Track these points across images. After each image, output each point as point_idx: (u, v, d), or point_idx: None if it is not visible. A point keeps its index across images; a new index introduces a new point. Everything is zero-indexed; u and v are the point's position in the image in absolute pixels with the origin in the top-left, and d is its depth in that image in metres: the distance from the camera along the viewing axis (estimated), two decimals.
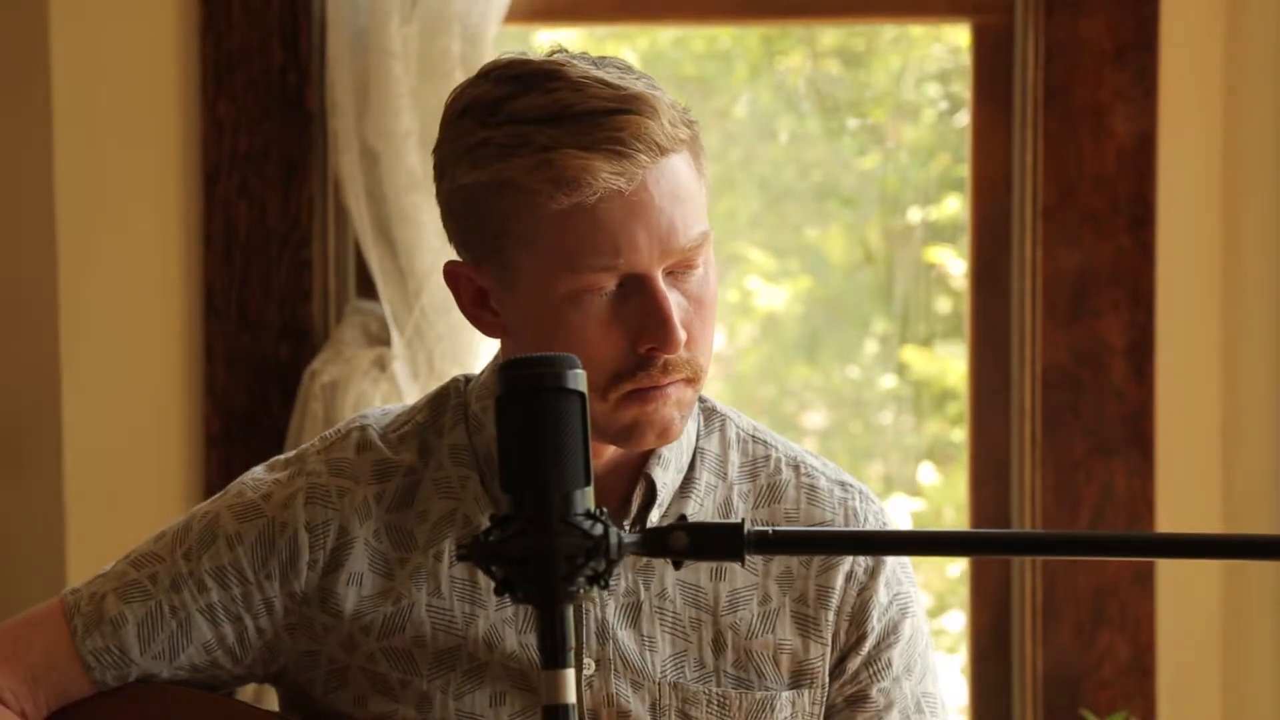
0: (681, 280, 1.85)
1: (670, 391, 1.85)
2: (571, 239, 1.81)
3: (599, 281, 1.82)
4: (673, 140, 1.82)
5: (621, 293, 1.83)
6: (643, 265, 1.82)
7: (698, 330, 1.86)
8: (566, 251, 1.81)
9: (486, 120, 1.83)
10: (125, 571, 1.97)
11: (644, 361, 1.83)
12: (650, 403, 1.85)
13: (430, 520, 1.93)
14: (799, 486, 1.98)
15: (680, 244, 1.83)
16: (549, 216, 1.81)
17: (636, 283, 1.82)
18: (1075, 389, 3.43)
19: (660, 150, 1.81)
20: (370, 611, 1.92)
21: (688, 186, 1.84)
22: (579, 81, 1.82)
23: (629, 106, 1.81)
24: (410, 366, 3.26)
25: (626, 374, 1.83)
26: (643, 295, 1.83)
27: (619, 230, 1.80)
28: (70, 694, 1.95)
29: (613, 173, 1.79)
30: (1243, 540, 1.48)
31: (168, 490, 3.32)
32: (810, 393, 3.99)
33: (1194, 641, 3.49)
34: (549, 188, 1.80)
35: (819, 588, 1.95)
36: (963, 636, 3.61)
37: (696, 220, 1.84)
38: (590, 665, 1.91)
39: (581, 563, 1.48)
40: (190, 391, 3.33)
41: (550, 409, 1.49)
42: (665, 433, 1.87)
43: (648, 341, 1.83)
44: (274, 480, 1.96)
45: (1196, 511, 3.46)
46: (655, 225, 1.81)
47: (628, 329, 1.83)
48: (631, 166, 1.80)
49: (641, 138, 1.80)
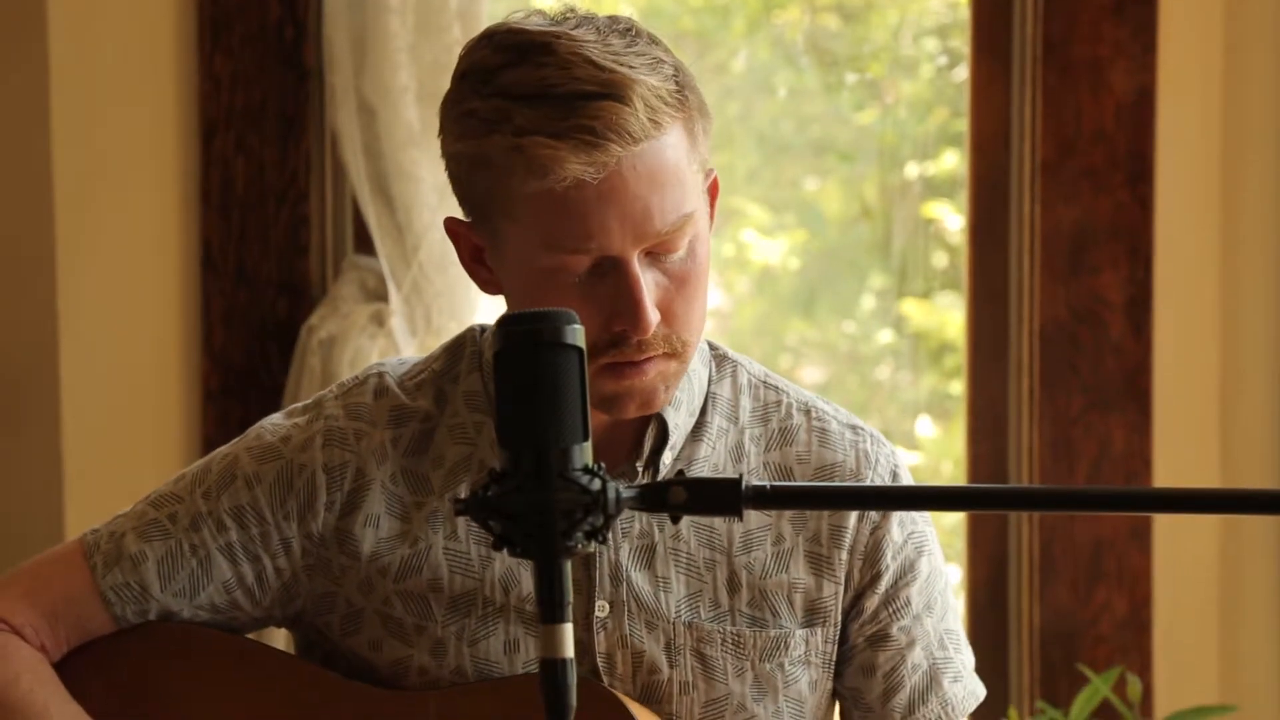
0: (661, 260, 1.85)
1: (648, 367, 1.85)
2: (544, 221, 1.81)
3: (573, 262, 1.82)
4: (651, 128, 1.81)
5: (597, 271, 1.83)
6: (615, 249, 1.82)
7: (680, 307, 1.85)
8: (541, 232, 1.82)
9: (479, 89, 1.84)
10: (144, 511, 1.98)
11: (618, 339, 1.84)
12: (627, 378, 1.85)
13: (446, 465, 1.94)
14: (810, 430, 1.99)
15: (656, 228, 1.82)
16: (523, 197, 1.82)
17: (610, 263, 1.83)
18: (1073, 344, 3.44)
19: (634, 140, 1.79)
20: (387, 554, 1.93)
21: (671, 169, 1.83)
22: (567, 59, 1.81)
23: (609, 92, 1.79)
24: (408, 322, 3.26)
25: (602, 349, 1.84)
26: (616, 276, 1.83)
27: (590, 216, 1.80)
28: (90, 630, 1.97)
29: (581, 163, 1.79)
30: (1239, 495, 1.48)
31: (165, 446, 3.33)
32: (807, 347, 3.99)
33: (1190, 596, 3.50)
34: (521, 171, 1.81)
35: (832, 527, 1.96)
36: (960, 591, 3.62)
37: (679, 203, 1.83)
38: (604, 607, 1.92)
39: (580, 518, 1.48)
40: (188, 347, 3.33)
41: (548, 364, 1.49)
42: (648, 403, 1.88)
43: (619, 323, 1.83)
44: (292, 424, 1.98)
45: (1194, 467, 3.46)
46: (629, 211, 1.81)
47: (601, 308, 1.83)
48: (601, 156, 1.79)
49: (615, 128, 1.79)
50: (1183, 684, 3.47)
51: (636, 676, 1.92)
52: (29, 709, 1.90)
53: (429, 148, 3.23)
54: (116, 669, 1.96)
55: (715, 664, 1.94)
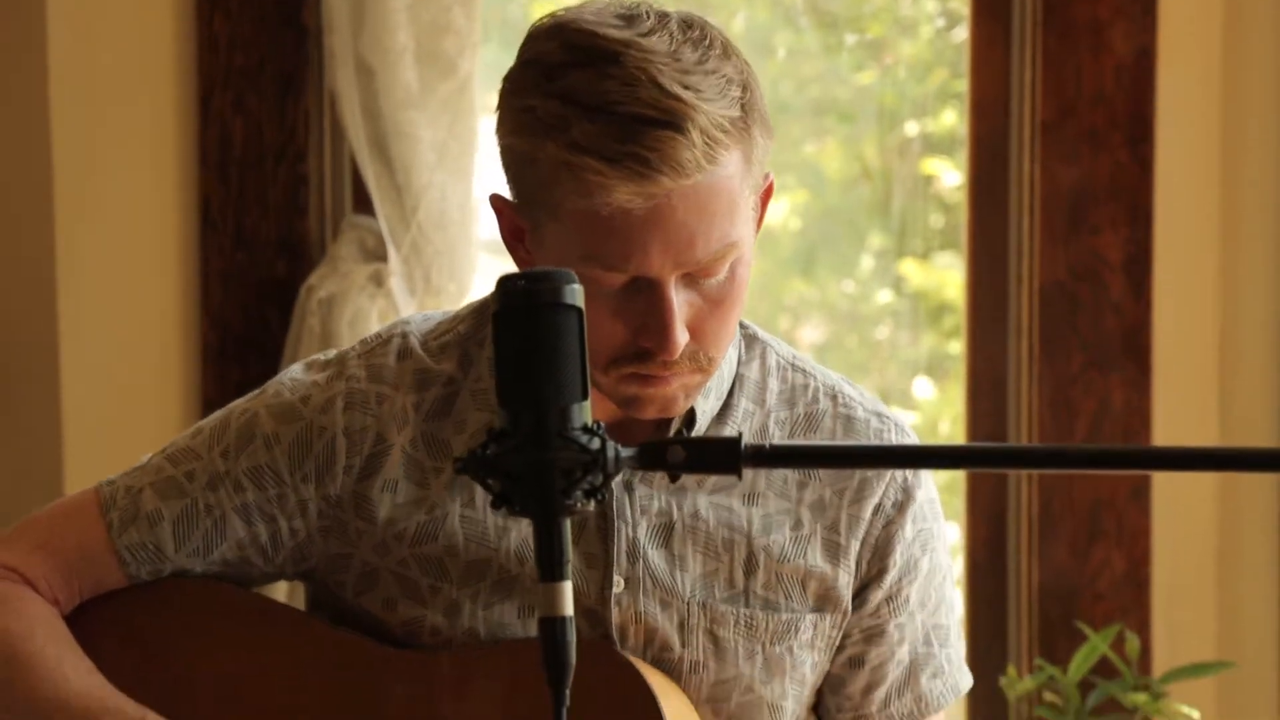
0: (699, 281, 1.82)
1: (672, 380, 1.84)
2: (584, 236, 1.78)
3: (608, 277, 1.79)
4: (705, 162, 1.76)
5: (631, 286, 1.80)
6: (653, 272, 1.79)
7: (712, 327, 1.83)
8: (580, 244, 1.79)
9: (541, 84, 1.79)
10: (162, 466, 1.97)
11: (643, 354, 1.82)
12: (650, 386, 1.84)
13: (467, 431, 1.93)
14: (835, 416, 1.98)
15: (698, 257, 1.79)
16: (567, 210, 1.79)
17: (646, 283, 1.80)
18: (1073, 304, 3.44)
19: (687, 174, 1.75)
20: (404, 519, 1.93)
21: (724, 198, 1.79)
22: (633, 75, 1.75)
23: (669, 120, 1.75)
24: (407, 282, 3.26)
25: (626, 360, 1.83)
26: (649, 296, 1.80)
27: (631, 240, 1.77)
28: (104, 585, 1.97)
29: (630, 192, 1.75)
30: (1238, 453, 1.48)
31: (165, 406, 3.33)
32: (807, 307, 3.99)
33: (1189, 555, 3.50)
34: (567, 185, 1.78)
35: (850, 517, 1.96)
36: (959, 550, 3.62)
37: (725, 233, 1.80)
38: (619, 583, 1.92)
39: (579, 477, 1.48)
40: (187, 308, 3.33)
41: (547, 324, 1.49)
42: (667, 409, 1.86)
43: (646, 341, 1.81)
44: (312, 382, 1.96)
45: (1193, 426, 3.46)
46: (672, 239, 1.78)
47: (630, 323, 1.81)
48: (651, 188, 1.75)
49: (669, 160, 1.75)
50: (1181, 641, 3.48)
51: (648, 652, 1.92)
52: (42, 663, 1.90)
53: (427, 108, 3.23)
54: (129, 623, 1.96)
55: (727, 645, 1.93)
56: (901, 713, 2.00)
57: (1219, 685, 3.47)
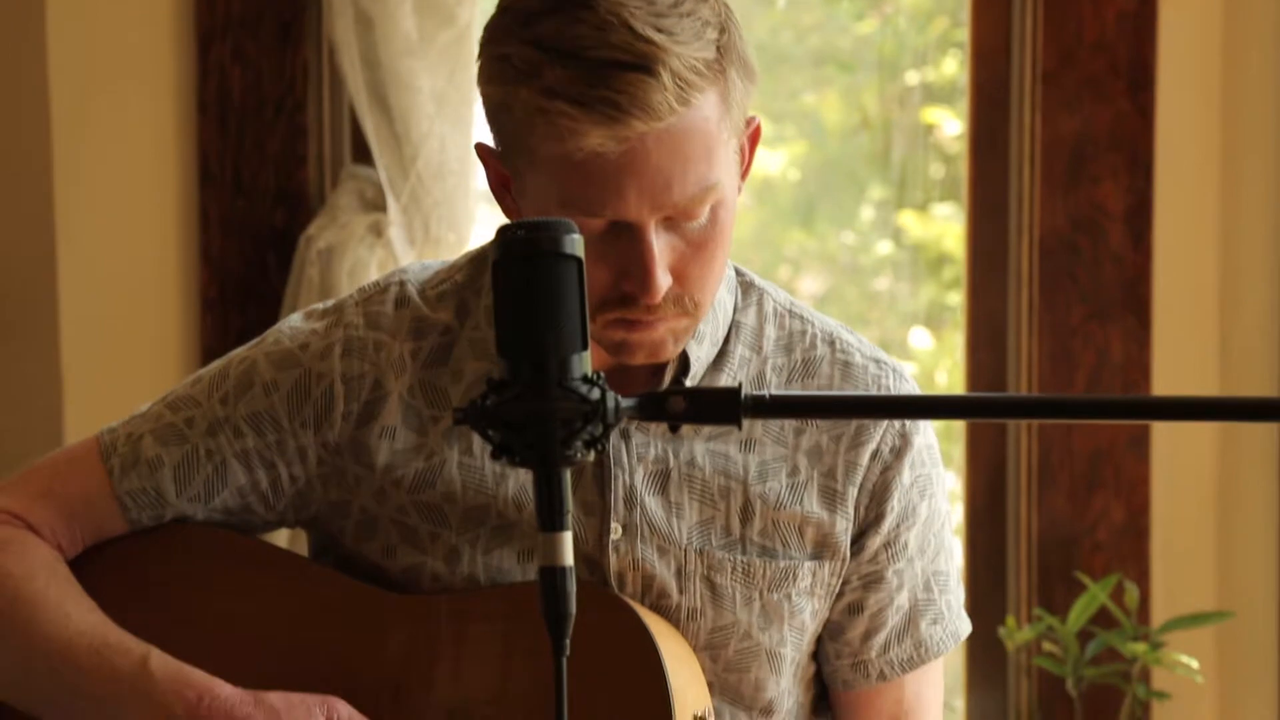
0: (679, 225, 1.81)
1: (658, 325, 1.83)
2: (561, 182, 1.79)
3: (587, 223, 1.78)
4: (678, 104, 1.76)
5: (611, 231, 1.80)
6: (630, 216, 1.79)
7: (695, 270, 1.83)
8: (557, 190, 1.79)
9: (516, 31, 1.79)
10: (162, 414, 1.98)
11: (627, 299, 1.82)
12: (636, 331, 1.84)
13: (465, 380, 1.94)
14: (833, 363, 1.98)
15: (674, 200, 1.79)
16: (543, 156, 1.79)
17: (625, 227, 1.80)
18: (1073, 254, 3.43)
19: (658, 116, 1.75)
20: (402, 466, 1.93)
21: (699, 140, 1.79)
22: (605, 20, 1.75)
23: (640, 63, 1.74)
24: (406, 232, 3.25)
25: (612, 306, 1.82)
26: (630, 240, 1.80)
27: (606, 185, 1.77)
28: (106, 531, 1.97)
29: (602, 136, 1.75)
30: (1238, 403, 1.48)
31: (164, 355, 3.33)
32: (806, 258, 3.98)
33: (1188, 504, 3.51)
34: (541, 131, 1.77)
35: (847, 463, 1.96)
36: (958, 500, 3.63)
37: (703, 175, 1.79)
38: (617, 530, 1.92)
39: (579, 427, 1.48)
40: (186, 257, 3.33)
41: (547, 274, 1.49)
42: (656, 354, 1.86)
43: (629, 285, 1.81)
44: (311, 330, 1.97)
45: (1192, 377, 3.46)
46: (648, 182, 1.77)
47: (612, 267, 1.81)
48: (623, 130, 1.75)
49: (640, 103, 1.74)
50: (1180, 591, 3.49)
51: (646, 599, 1.92)
52: (45, 606, 1.91)
53: (426, 57, 3.22)
54: (131, 568, 1.97)
55: (724, 592, 1.94)
56: (901, 659, 2.00)
57: (1218, 635, 3.48)
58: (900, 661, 2.00)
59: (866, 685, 2.01)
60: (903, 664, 2.00)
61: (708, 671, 1.94)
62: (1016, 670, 3.51)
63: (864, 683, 2.01)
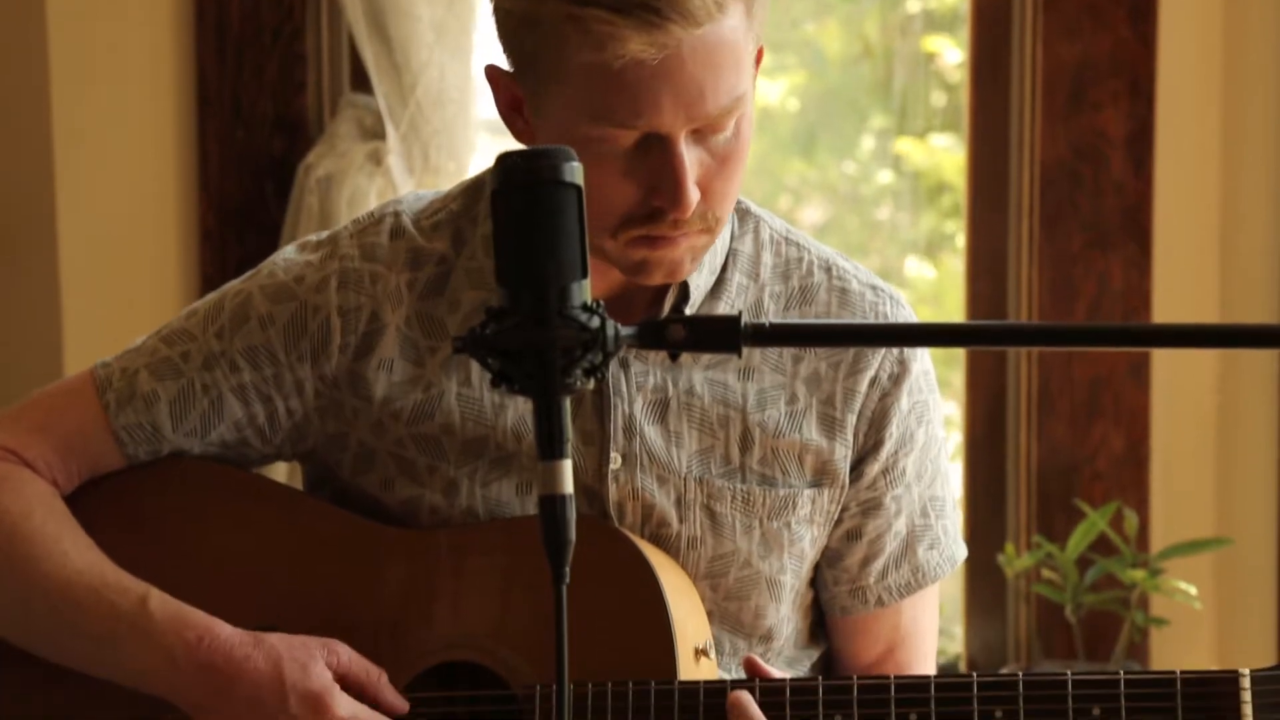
0: (707, 138, 1.81)
1: (681, 241, 1.83)
2: (594, 94, 1.78)
3: (619, 135, 1.79)
4: (715, 10, 1.76)
5: (642, 145, 1.80)
6: (665, 127, 1.78)
7: (719, 185, 1.83)
8: (589, 102, 1.78)
9: None
10: (157, 348, 1.97)
11: (654, 214, 1.81)
12: (659, 248, 1.84)
13: (462, 310, 1.93)
14: (830, 289, 1.98)
15: (708, 110, 1.78)
16: (575, 66, 1.78)
17: (656, 140, 1.79)
18: (1074, 182, 3.43)
19: (697, 23, 1.75)
20: (400, 398, 1.93)
21: (729, 51, 1.79)
22: None
23: None
24: (405, 161, 3.25)
25: (637, 222, 1.82)
26: (661, 153, 1.79)
27: (643, 94, 1.77)
28: (102, 466, 1.97)
29: (642, 43, 1.75)
30: (1238, 330, 1.48)
31: (163, 284, 3.33)
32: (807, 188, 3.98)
33: (1187, 432, 3.51)
34: (575, 41, 1.76)
35: (845, 390, 1.96)
36: (959, 428, 3.63)
37: (733, 86, 1.79)
38: (616, 459, 1.92)
39: (578, 355, 1.48)
40: (184, 185, 3.32)
41: (547, 202, 1.48)
42: (674, 273, 1.86)
43: (659, 200, 1.81)
44: (306, 262, 1.96)
45: (1193, 305, 3.46)
46: (683, 92, 1.77)
47: (641, 182, 1.81)
48: (662, 37, 1.75)
49: (678, 8, 1.74)
50: (1179, 518, 3.50)
51: (646, 528, 1.93)
52: (42, 541, 1.90)
53: None
54: (128, 503, 1.96)
55: (724, 520, 1.94)
56: (899, 584, 2.01)
57: (1216, 561, 3.49)
58: (898, 587, 2.01)
59: (864, 611, 2.01)
60: (900, 589, 2.01)
61: (707, 600, 1.94)
62: (1015, 597, 3.52)
63: (862, 608, 2.01)
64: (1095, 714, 1.78)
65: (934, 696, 1.79)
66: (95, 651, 1.88)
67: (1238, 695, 1.77)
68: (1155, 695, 1.77)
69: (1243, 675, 1.77)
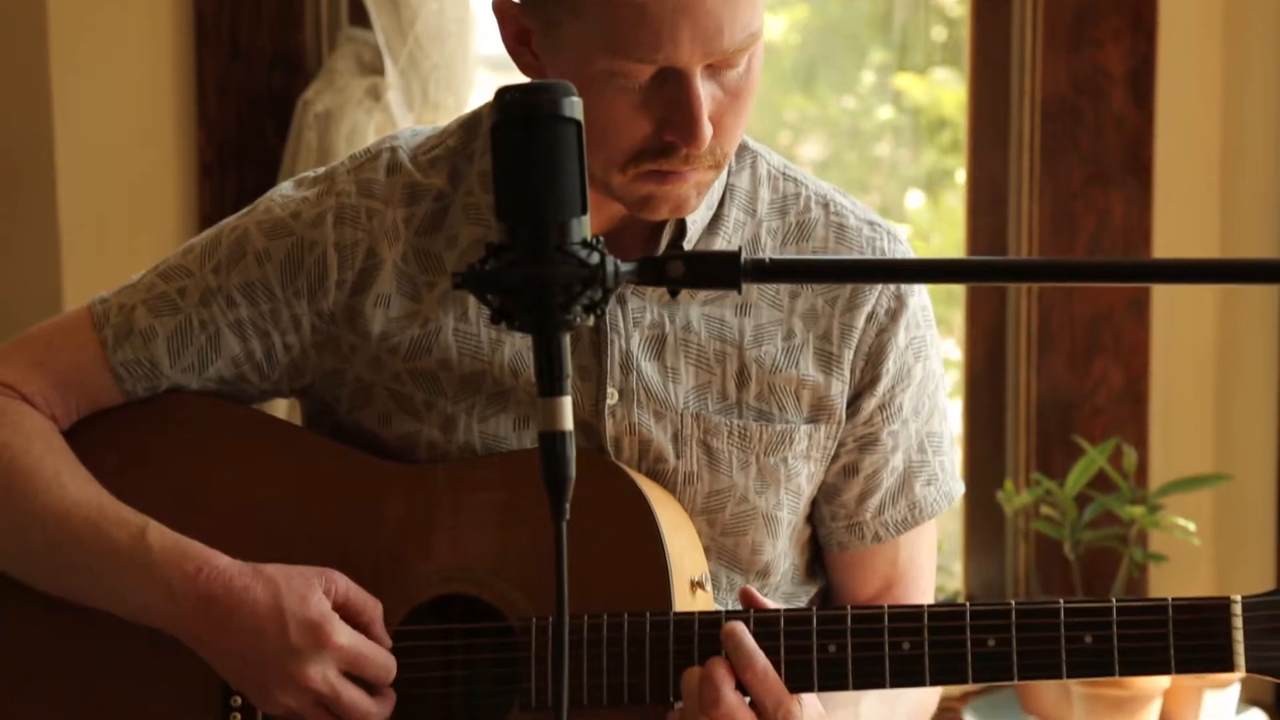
0: (720, 74, 1.81)
1: (690, 176, 1.83)
2: (615, 26, 1.77)
3: (635, 69, 1.78)
4: None
5: (657, 80, 1.79)
6: (682, 61, 1.78)
7: (729, 121, 1.83)
8: (608, 36, 1.77)
9: None
10: (154, 283, 1.97)
11: (667, 149, 1.81)
12: (667, 183, 1.84)
13: (459, 246, 1.93)
14: (827, 225, 1.98)
15: (724, 46, 1.78)
16: (594, 1, 1.77)
17: (673, 75, 1.79)
18: (1074, 117, 3.42)
19: None
20: (397, 333, 1.93)
21: None
22: None
23: None
24: (404, 96, 3.24)
25: (647, 157, 1.82)
26: (677, 88, 1.79)
27: (663, 27, 1.76)
28: (100, 402, 1.97)
29: None
30: (1238, 265, 1.48)
31: (162, 220, 3.32)
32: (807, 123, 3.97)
33: (1187, 369, 3.51)
34: None
35: (842, 326, 1.96)
36: (959, 366, 3.63)
37: (749, 21, 1.79)
38: (613, 395, 1.92)
39: (578, 291, 1.48)
40: (183, 121, 3.31)
41: (546, 137, 1.48)
42: (680, 209, 1.86)
43: (673, 135, 1.80)
44: (302, 198, 1.96)
45: (1193, 242, 3.46)
46: (702, 26, 1.77)
47: (655, 117, 1.80)
48: None
49: None
50: (1178, 455, 3.50)
51: (643, 464, 1.93)
52: (40, 474, 1.91)
53: None
54: (127, 439, 1.96)
55: (720, 456, 1.94)
56: (896, 520, 2.01)
57: (1215, 498, 3.50)
58: (895, 523, 2.01)
59: (861, 547, 2.02)
60: (897, 525, 2.01)
61: (704, 536, 1.95)
62: (1014, 534, 3.53)
63: (859, 544, 2.02)
64: (1087, 642, 1.79)
65: (927, 626, 1.80)
66: (94, 584, 1.89)
67: (1229, 622, 1.78)
68: (1147, 623, 1.78)
69: (1234, 602, 1.78)
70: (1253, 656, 1.78)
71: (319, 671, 1.82)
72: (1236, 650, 1.78)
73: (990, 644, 1.80)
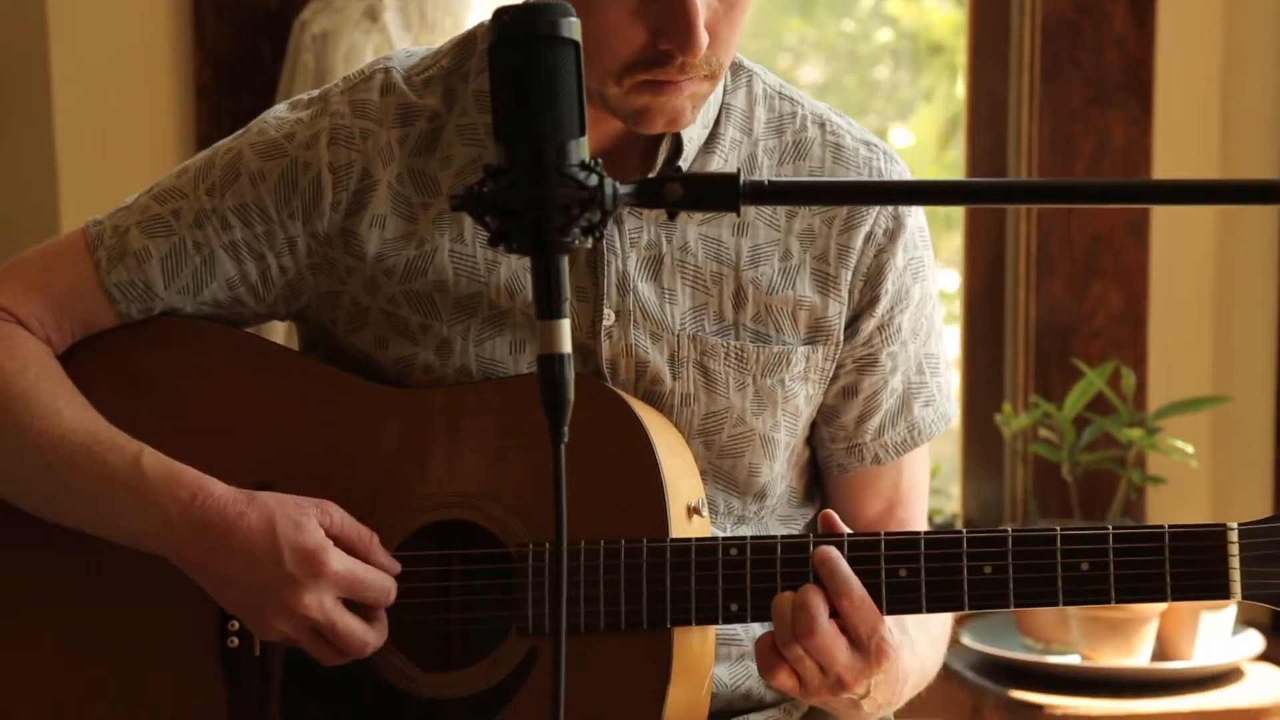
0: None
1: (685, 86, 1.83)
2: None
3: None
4: None
5: None
6: None
7: (724, 30, 1.82)
8: None
9: None
10: (148, 205, 1.97)
11: (662, 57, 1.81)
12: (663, 94, 1.83)
13: (454, 166, 1.92)
14: (824, 144, 1.97)
15: None
16: None
17: None
18: (1074, 37, 3.40)
19: None
20: (392, 254, 1.93)
21: None
22: None
23: None
24: (402, 17, 3.22)
25: (643, 66, 1.81)
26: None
27: None
28: (95, 324, 1.97)
29: None
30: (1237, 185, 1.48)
31: (158, 142, 3.31)
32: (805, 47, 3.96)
33: (1186, 290, 3.51)
34: None
35: (839, 247, 1.95)
36: (958, 289, 3.63)
37: None
38: (610, 316, 1.92)
39: (576, 213, 1.47)
40: (179, 42, 3.30)
41: (544, 57, 1.47)
42: (675, 121, 1.85)
43: (669, 42, 1.80)
44: (296, 119, 1.95)
45: (1193, 163, 3.45)
46: None
47: (650, 25, 1.80)
48: None
49: None
50: (1176, 377, 3.50)
51: (639, 386, 1.93)
52: (36, 399, 1.91)
53: None
54: (122, 362, 1.96)
55: (717, 377, 1.94)
56: (895, 441, 2.01)
57: (1213, 420, 3.50)
58: (894, 445, 2.01)
59: (861, 469, 2.02)
60: (897, 447, 2.02)
61: (701, 459, 1.95)
62: (1013, 456, 3.54)
63: (859, 466, 2.02)
64: (1084, 569, 1.79)
65: (923, 553, 1.80)
66: (89, 509, 1.89)
67: (1225, 549, 1.78)
68: (1143, 550, 1.79)
69: (1230, 529, 1.78)
70: (1249, 584, 1.78)
71: (314, 599, 1.82)
72: (1233, 577, 1.78)
73: (987, 570, 1.80)
